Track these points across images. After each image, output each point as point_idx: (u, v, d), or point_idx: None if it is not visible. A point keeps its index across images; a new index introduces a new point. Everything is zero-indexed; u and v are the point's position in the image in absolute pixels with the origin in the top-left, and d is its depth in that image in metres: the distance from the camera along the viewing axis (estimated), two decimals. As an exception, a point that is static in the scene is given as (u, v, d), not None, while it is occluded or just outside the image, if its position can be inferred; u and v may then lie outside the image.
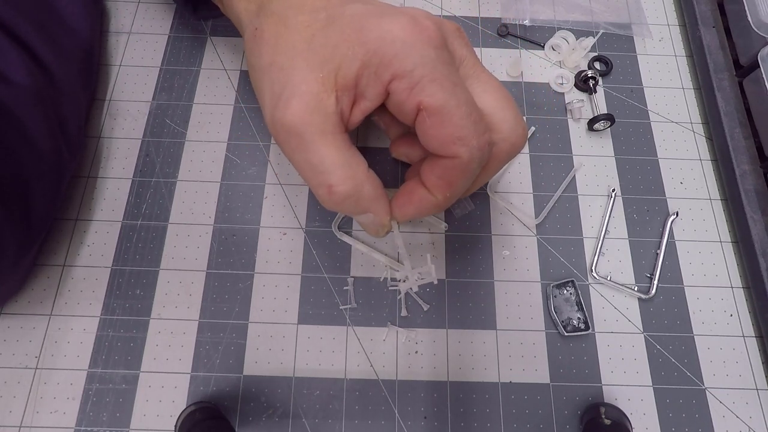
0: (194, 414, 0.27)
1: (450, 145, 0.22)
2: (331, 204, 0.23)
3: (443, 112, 0.22)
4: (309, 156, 0.23)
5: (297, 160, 0.23)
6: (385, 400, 0.29)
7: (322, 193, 0.23)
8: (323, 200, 0.24)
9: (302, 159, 0.23)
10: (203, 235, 0.33)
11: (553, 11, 0.41)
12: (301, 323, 0.31)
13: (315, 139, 0.22)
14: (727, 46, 0.37)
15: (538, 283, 0.32)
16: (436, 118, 0.22)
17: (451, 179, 0.23)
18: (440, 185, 0.24)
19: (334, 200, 0.23)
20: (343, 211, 0.25)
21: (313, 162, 0.23)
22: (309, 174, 0.23)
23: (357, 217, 0.26)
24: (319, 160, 0.22)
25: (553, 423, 0.29)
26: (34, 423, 0.29)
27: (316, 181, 0.23)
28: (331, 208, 0.24)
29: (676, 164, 0.36)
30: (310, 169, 0.23)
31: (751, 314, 0.32)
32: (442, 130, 0.22)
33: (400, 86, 0.22)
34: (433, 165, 0.24)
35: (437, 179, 0.24)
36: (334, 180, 0.23)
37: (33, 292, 0.31)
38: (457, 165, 0.23)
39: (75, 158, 0.33)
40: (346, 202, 0.23)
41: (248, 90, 0.37)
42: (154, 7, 0.40)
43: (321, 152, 0.22)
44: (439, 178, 0.24)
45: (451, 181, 0.23)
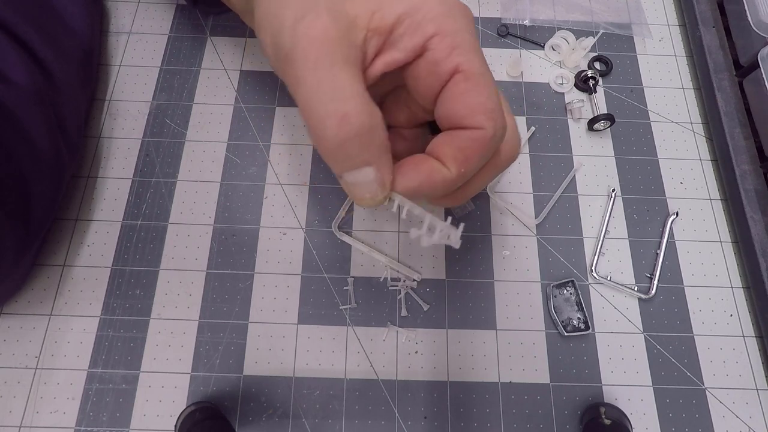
0: (194, 414, 0.27)
1: (478, 114, 0.21)
2: (337, 141, 0.20)
3: (479, 80, 0.21)
4: (328, 77, 0.20)
5: (311, 81, 0.20)
6: (385, 400, 0.29)
7: (332, 124, 0.20)
8: (329, 134, 0.20)
9: (318, 80, 0.20)
10: (203, 235, 0.33)
11: (553, 11, 0.41)
12: (301, 323, 0.31)
13: (338, 62, 0.20)
14: (727, 46, 0.37)
15: (538, 283, 0.32)
16: (472, 83, 0.21)
17: (469, 153, 0.22)
18: (457, 158, 0.22)
19: (343, 134, 0.20)
20: (344, 156, 0.21)
21: (331, 85, 0.20)
22: (321, 99, 0.20)
23: (352, 175, 0.22)
24: (339, 84, 0.20)
25: (553, 423, 0.29)
26: (34, 423, 0.29)
27: (328, 109, 0.20)
28: (332, 152, 0.21)
29: (676, 164, 0.36)
30: (324, 93, 0.20)
31: (751, 314, 0.32)
32: (475, 97, 0.21)
33: (441, 44, 0.21)
34: (452, 136, 0.22)
35: (455, 151, 0.22)
36: (351, 108, 0.20)
37: (33, 292, 0.31)
38: (479, 138, 0.22)
39: (75, 158, 0.33)
40: (355, 141, 0.20)
41: (248, 90, 0.37)
42: (154, 7, 0.40)
43: (341, 77, 0.20)
44: (458, 150, 0.22)
45: (469, 155, 0.22)
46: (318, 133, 0.20)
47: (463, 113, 0.22)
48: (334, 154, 0.21)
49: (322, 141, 0.20)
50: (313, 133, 0.20)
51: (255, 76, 0.38)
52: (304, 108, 0.20)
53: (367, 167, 0.21)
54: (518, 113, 0.37)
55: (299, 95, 0.20)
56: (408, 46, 0.21)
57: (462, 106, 0.22)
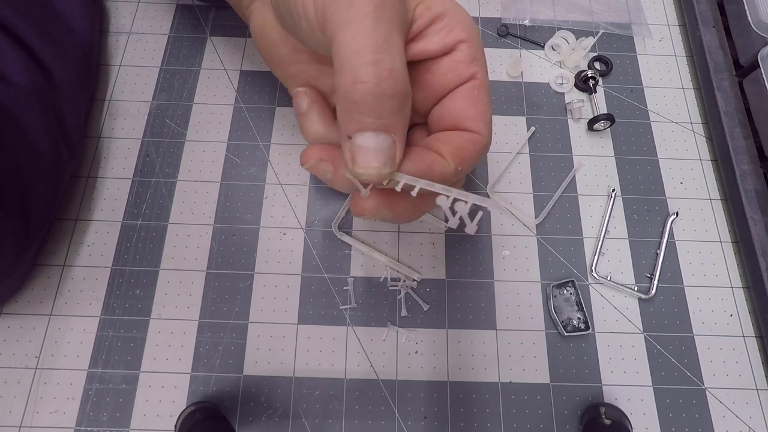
0: (194, 414, 0.27)
1: (481, 121, 0.23)
2: (376, 92, 0.19)
3: (486, 92, 0.23)
4: (385, 28, 0.19)
5: (368, 23, 0.19)
6: (385, 400, 0.29)
7: (376, 72, 0.19)
8: (371, 81, 0.19)
9: (375, 26, 0.19)
10: (203, 235, 0.33)
11: (553, 11, 0.41)
12: (301, 323, 0.31)
13: (396, 22, 0.20)
14: (727, 46, 0.37)
15: (538, 283, 0.32)
16: (483, 92, 0.23)
17: (466, 153, 0.23)
18: (456, 155, 0.23)
19: (384, 86, 0.19)
20: (372, 111, 0.20)
21: (386, 37, 0.19)
22: (371, 46, 0.19)
23: (367, 137, 0.20)
24: (392, 40, 0.19)
25: (553, 423, 0.29)
26: (34, 423, 0.29)
27: (376, 57, 0.19)
28: (364, 102, 0.20)
29: (676, 164, 0.36)
30: (376, 40, 0.19)
31: (751, 314, 0.32)
32: (480, 104, 0.23)
33: (468, 50, 0.23)
34: (453, 136, 0.23)
35: (455, 149, 0.23)
36: (398, 67, 0.19)
37: (33, 292, 0.31)
38: (477, 142, 0.23)
39: (74, 158, 0.33)
40: (389, 100, 0.20)
41: (248, 90, 0.37)
42: (154, 7, 0.40)
43: (394, 36, 0.20)
44: (457, 149, 0.23)
45: (466, 155, 0.23)
46: (357, 76, 0.19)
47: (471, 115, 0.23)
48: (363, 106, 0.19)
49: (357, 86, 0.19)
50: (349, 77, 0.19)
51: (255, 76, 0.38)
52: (349, 48, 0.19)
53: (386, 134, 0.20)
54: (518, 113, 0.37)
55: (347, 34, 0.19)
56: (442, 42, 0.23)
57: (472, 109, 0.23)
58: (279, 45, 0.26)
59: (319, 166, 0.23)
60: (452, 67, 0.23)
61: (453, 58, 0.23)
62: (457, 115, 0.23)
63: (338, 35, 0.19)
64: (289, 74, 0.27)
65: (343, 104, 0.20)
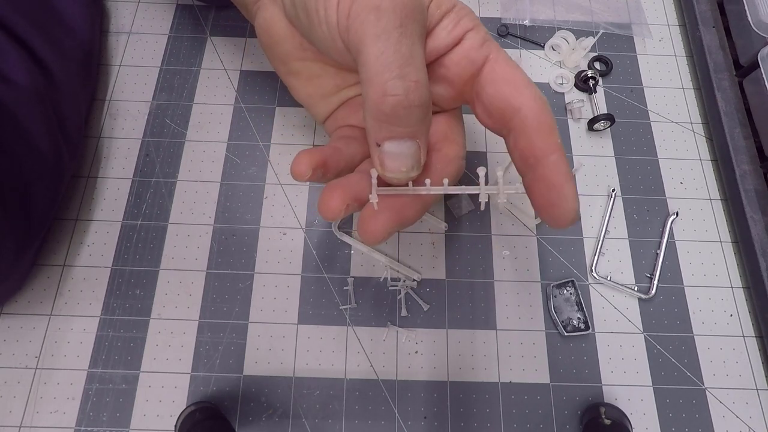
0: (194, 414, 0.27)
1: (523, 89, 0.23)
2: (404, 104, 0.20)
3: (509, 63, 0.23)
4: (409, 42, 0.20)
5: (393, 39, 0.20)
6: (385, 400, 0.29)
7: (404, 86, 0.20)
8: (399, 93, 0.20)
9: (400, 41, 0.20)
10: (203, 235, 0.33)
11: (553, 11, 0.41)
12: (301, 323, 0.31)
13: (417, 33, 0.21)
14: (727, 46, 0.37)
15: (538, 283, 0.32)
16: (505, 65, 0.23)
17: (549, 124, 0.22)
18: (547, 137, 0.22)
19: (411, 98, 0.20)
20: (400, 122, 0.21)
21: (410, 50, 0.20)
22: (399, 60, 0.20)
23: (395, 144, 0.22)
24: (416, 52, 0.21)
25: (553, 423, 0.29)
26: (34, 423, 0.29)
27: (403, 72, 0.20)
28: (391, 114, 0.21)
29: (676, 164, 0.36)
30: (403, 54, 0.20)
31: (751, 314, 0.32)
32: (512, 74, 0.23)
33: (476, 36, 0.23)
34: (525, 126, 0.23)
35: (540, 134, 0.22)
36: (423, 78, 0.21)
37: (33, 292, 0.31)
38: (541, 108, 0.22)
39: (74, 158, 0.33)
40: (416, 110, 0.21)
41: (248, 90, 0.37)
42: (154, 7, 0.40)
43: (417, 48, 0.21)
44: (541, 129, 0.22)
45: (551, 126, 0.22)
46: (386, 90, 0.20)
47: (508, 92, 0.23)
48: (393, 117, 0.21)
49: (387, 99, 0.20)
50: (379, 90, 0.20)
51: (255, 76, 0.38)
52: (377, 63, 0.20)
53: (412, 140, 0.22)
54: (518, 113, 0.37)
55: (375, 48, 0.20)
56: (450, 36, 0.23)
57: (505, 86, 0.23)
58: (285, 41, 0.26)
59: (349, 210, 0.23)
60: (464, 55, 0.23)
61: (463, 47, 0.23)
62: (496, 98, 0.23)
63: (366, 48, 0.20)
64: (293, 70, 0.27)
65: (373, 115, 0.21)
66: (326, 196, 0.22)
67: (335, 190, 0.22)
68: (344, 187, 0.22)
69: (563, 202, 0.22)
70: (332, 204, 0.22)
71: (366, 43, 0.20)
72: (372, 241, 0.23)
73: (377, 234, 0.22)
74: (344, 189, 0.22)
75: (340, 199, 0.22)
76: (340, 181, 0.23)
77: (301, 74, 0.27)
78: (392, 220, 0.23)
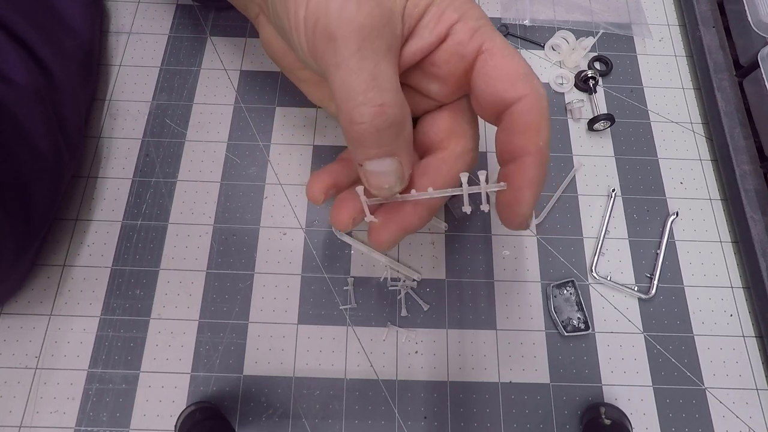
0: (194, 414, 0.27)
1: (518, 82, 0.22)
2: (371, 129, 0.21)
3: (504, 52, 0.22)
4: (370, 65, 0.20)
5: (353, 66, 0.20)
6: (385, 400, 0.29)
7: (369, 112, 0.20)
8: (365, 121, 0.20)
9: (360, 67, 0.20)
10: (203, 235, 0.33)
11: (553, 11, 0.41)
12: (301, 323, 0.31)
13: (380, 50, 0.20)
14: (727, 46, 0.37)
15: (538, 283, 0.32)
16: (500, 56, 0.22)
17: (536, 123, 0.22)
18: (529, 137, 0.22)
19: (377, 123, 0.20)
20: (372, 144, 0.21)
21: (372, 73, 0.20)
22: (360, 86, 0.20)
23: (375, 164, 0.22)
24: (379, 73, 0.20)
25: (553, 423, 0.29)
26: (34, 423, 0.29)
27: (367, 97, 0.20)
28: (362, 138, 0.21)
29: (676, 164, 0.36)
30: (364, 80, 0.20)
31: (751, 314, 0.32)
32: (507, 66, 0.22)
33: (463, 28, 0.22)
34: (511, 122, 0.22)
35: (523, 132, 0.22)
36: (388, 99, 0.20)
37: (33, 292, 0.31)
38: (532, 103, 0.22)
39: (74, 158, 0.33)
40: (387, 132, 0.21)
41: (248, 90, 0.37)
42: (154, 7, 0.40)
43: (382, 67, 0.20)
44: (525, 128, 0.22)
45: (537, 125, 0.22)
46: (352, 118, 0.21)
47: (501, 87, 0.22)
48: (363, 141, 0.21)
49: (354, 126, 0.21)
50: (346, 118, 0.21)
51: (255, 76, 0.38)
52: (341, 91, 0.20)
53: (390, 158, 0.22)
54: (518, 113, 0.37)
55: (337, 78, 0.20)
56: (433, 34, 0.22)
57: (497, 80, 0.22)
58: (285, 54, 0.27)
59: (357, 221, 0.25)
60: (453, 51, 0.23)
61: (450, 42, 0.22)
62: (490, 94, 0.22)
63: (329, 77, 0.21)
64: (300, 78, 0.28)
65: (347, 140, 0.22)
66: (335, 211, 0.24)
67: (342, 206, 0.24)
68: (349, 202, 0.24)
69: (516, 206, 0.22)
70: (341, 218, 0.24)
71: (329, 71, 0.21)
72: (382, 249, 0.24)
73: (385, 244, 0.24)
74: (349, 204, 0.24)
75: (347, 214, 0.24)
76: (345, 195, 0.25)
77: (309, 81, 0.28)
78: (397, 230, 0.24)
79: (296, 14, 0.21)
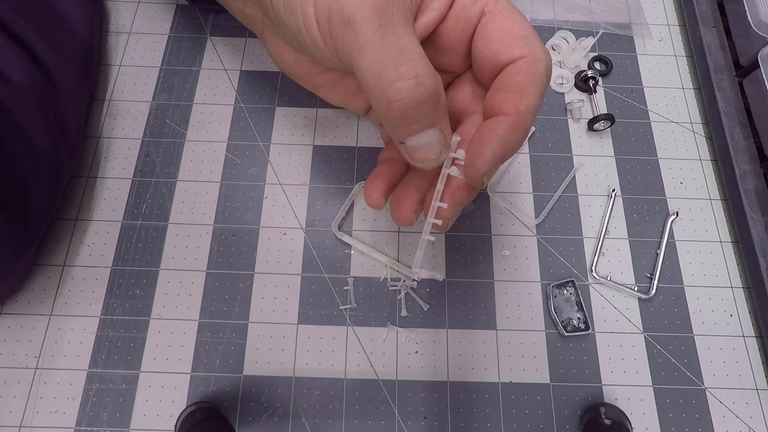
0: (194, 414, 0.27)
1: (516, 44, 0.22)
2: (412, 103, 0.20)
3: (507, 14, 0.22)
4: (395, 40, 0.19)
5: (379, 44, 0.19)
6: (385, 400, 0.29)
7: (407, 86, 0.20)
8: (404, 96, 0.20)
9: (386, 43, 0.19)
10: (203, 235, 0.33)
11: (553, 11, 0.41)
12: (301, 323, 0.31)
13: (401, 24, 0.20)
14: (727, 46, 0.37)
15: (538, 283, 0.32)
16: (501, 18, 0.22)
17: (522, 86, 0.21)
18: (510, 98, 0.21)
19: (417, 95, 0.20)
20: (415, 118, 0.21)
21: (399, 47, 0.19)
22: (391, 63, 0.19)
23: (417, 138, 0.22)
24: (407, 46, 0.20)
25: (553, 423, 0.29)
26: (34, 423, 0.29)
27: (399, 73, 0.19)
28: (404, 114, 0.20)
29: (676, 164, 0.36)
30: (394, 55, 0.19)
31: (751, 314, 0.32)
32: (507, 27, 0.22)
33: None
34: (499, 80, 0.22)
35: (507, 92, 0.22)
36: (422, 69, 0.20)
37: (33, 292, 0.31)
38: (525, 67, 0.21)
39: (74, 158, 0.33)
40: (427, 102, 0.20)
41: (248, 90, 0.37)
42: (154, 7, 0.40)
43: (407, 39, 0.20)
44: (510, 89, 0.22)
45: (523, 88, 0.21)
46: (390, 96, 0.20)
47: (498, 48, 0.22)
48: (405, 118, 0.21)
49: (393, 105, 0.20)
50: (382, 98, 0.20)
51: (255, 76, 0.38)
52: (370, 73, 0.20)
53: (432, 129, 0.22)
54: (518, 113, 0.37)
55: (365, 60, 0.20)
56: (441, 2, 0.22)
57: (495, 42, 0.22)
58: (297, 64, 0.27)
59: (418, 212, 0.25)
60: (458, 17, 0.22)
61: (455, 8, 0.22)
62: (488, 57, 0.22)
63: (356, 63, 0.20)
64: (318, 84, 0.28)
65: (386, 121, 0.21)
66: (396, 210, 0.25)
67: (401, 203, 0.25)
68: (406, 198, 0.25)
69: (475, 158, 0.22)
70: (404, 214, 0.25)
71: (354, 57, 0.20)
72: (446, 228, 0.25)
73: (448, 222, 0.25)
74: (407, 199, 0.25)
75: (408, 209, 0.25)
76: (400, 192, 0.25)
77: (325, 85, 0.28)
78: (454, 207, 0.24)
79: (305, 13, 0.21)
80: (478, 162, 0.22)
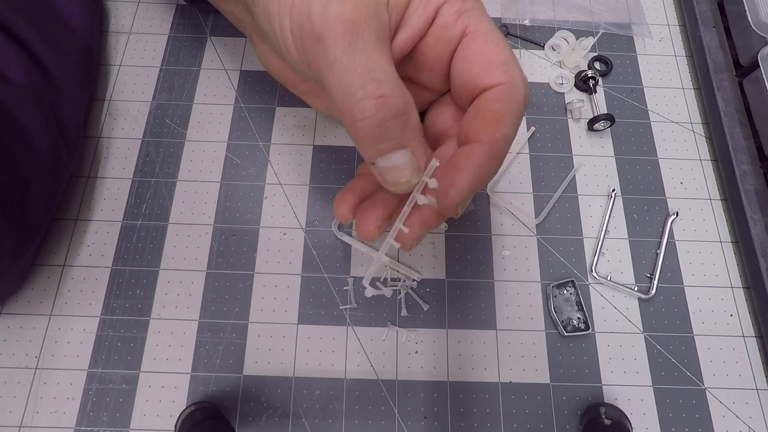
0: (194, 414, 0.27)
1: (495, 69, 0.21)
2: (375, 123, 0.20)
3: (488, 38, 0.22)
4: (363, 59, 0.19)
5: (346, 63, 0.19)
6: (385, 400, 0.29)
7: (370, 106, 0.19)
8: (368, 116, 0.20)
9: (353, 62, 0.19)
10: (203, 235, 0.33)
11: (553, 11, 0.41)
12: (301, 323, 0.31)
13: (371, 42, 0.20)
14: (727, 46, 0.37)
15: (538, 283, 0.32)
16: (482, 40, 0.22)
17: (500, 114, 0.21)
18: (486, 125, 0.21)
19: (381, 115, 0.20)
20: (380, 139, 0.21)
21: (367, 66, 0.19)
22: (357, 81, 0.19)
23: (386, 159, 0.21)
24: (374, 65, 0.20)
25: (553, 423, 0.29)
26: (34, 423, 0.29)
27: (365, 92, 0.19)
28: (369, 134, 0.20)
29: (676, 164, 0.36)
30: (360, 74, 0.19)
31: (751, 314, 0.32)
32: (488, 51, 0.21)
33: (450, 10, 0.22)
34: (476, 106, 0.22)
35: (483, 119, 0.21)
36: (388, 89, 0.20)
37: (33, 292, 0.31)
38: (504, 93, 0.21)
39: (73, 158, 0.33)
40: (392, 123, 0.20)
41: (248, 90, 0.37)
42: (154, 7, 0.40)
43: (376, 57, 0.20)
44: (486, 116, 0.21)
45: (500, 116, 0.21)
46: (355, 114, 0.20)
47: (477, 72, 0.22)
48: (370, 137, 0.20)
49: (359, 123, 0.20)
50: (349, 115, 0.20)
51: (255, 76, 0.38)
52: (338, 90, 0.20)
53: (402, 150, 0.21)
54: (518, 113, 0.37)
55: (333, 78, 0.20)
56: (422, 19, 0.22)
57: (475, 65, 0.22)
58: (283, 70, 0.27)
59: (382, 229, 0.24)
60: (439, 35, 0.22)
61: (436, 26, 0.22)
62: (467, 80, 0.22)
63: (325, 79, 0.20)
64: (302, 91, 0.28)
65: (354, 140, 0.21)
66: (360, 224, 0.24)
67: (365, 217, 0.24)
68: (371, 212, 0.24)
69: (449, 187, 0.21)
70: (367, 229, 0.24)
71: (324, 74, 0.20)
72: (409, 249, 0.24)
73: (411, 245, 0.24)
74: (372, 214, 0.24)
75: (372, 224, 0.24)
76: (366, 206, 0.24)
77: (311, 92, 0.28)
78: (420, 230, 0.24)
79: (282, 25, 0.21)
80: (453, 191, 0.21)
